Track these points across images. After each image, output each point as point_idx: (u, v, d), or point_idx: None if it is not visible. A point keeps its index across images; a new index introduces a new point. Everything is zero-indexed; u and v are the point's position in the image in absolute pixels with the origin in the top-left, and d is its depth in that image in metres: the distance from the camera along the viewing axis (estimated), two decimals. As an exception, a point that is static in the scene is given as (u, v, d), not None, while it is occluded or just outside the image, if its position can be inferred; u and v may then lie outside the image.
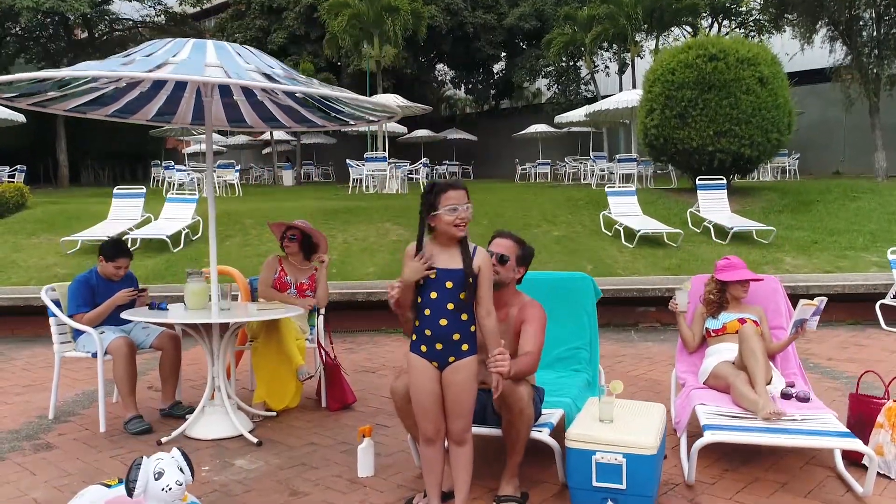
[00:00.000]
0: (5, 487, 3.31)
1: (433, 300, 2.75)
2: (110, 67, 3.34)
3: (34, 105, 3.88)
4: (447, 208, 2.72)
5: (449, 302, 2.74)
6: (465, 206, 2.73)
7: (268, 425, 4.23)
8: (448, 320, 2.74)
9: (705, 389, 3.84)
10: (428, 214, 2.76)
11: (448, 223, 2.73)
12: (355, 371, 5.57)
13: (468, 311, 2.77)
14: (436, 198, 2.74)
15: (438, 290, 2.75)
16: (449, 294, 2.74)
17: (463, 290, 2.75)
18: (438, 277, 2.75)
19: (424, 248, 2.79)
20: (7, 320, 7.26)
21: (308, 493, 3.22)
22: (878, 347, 6.31)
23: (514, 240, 3.36)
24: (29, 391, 5.07)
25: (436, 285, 2.75)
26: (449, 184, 2.77)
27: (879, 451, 3.34)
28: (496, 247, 3.32)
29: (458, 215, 2.72)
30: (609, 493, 2.88)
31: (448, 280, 2.75)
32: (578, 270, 8.98)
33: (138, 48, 3.69)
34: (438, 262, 2.78)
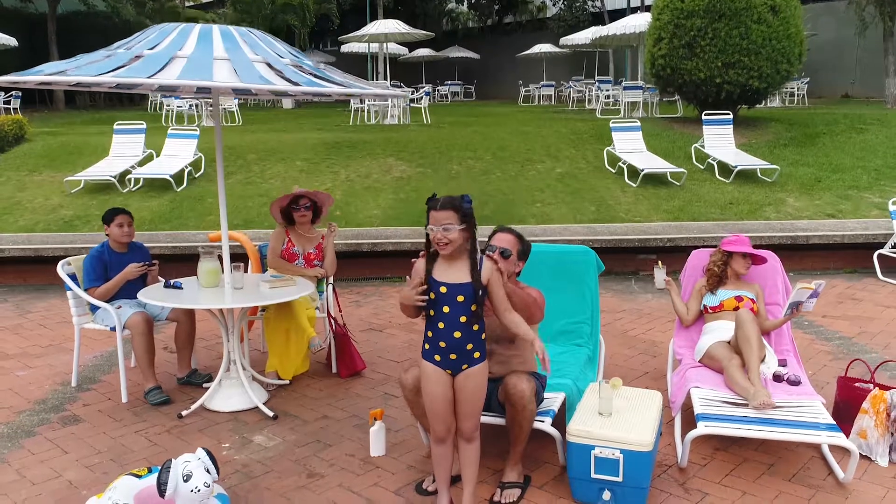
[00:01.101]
0: (40, 468, 3.52)
1: (446, 314, 2.85)
2: (117, 63, 3.31)
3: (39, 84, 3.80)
4: (429, 227, 2.79)
5: (462, 315, 2.84)
6: (442, 228, 2.78)
7: (281, 395, 4.43)
8: (462, 332, 2.85)
9: (701, 369, 4.00)
10: (427, 235, 2.84)
11: (434, 239, 2.80)
12: (362, 330, 5.75)
13: (479, 321, 2.88)
14: (427, 214, 2.81)
15: (451, 305, 2.84)
16: (461, 307, 2.84)
17: (474, 303, 2.85)
18: (449, 292, 2.84)
19: (426, 268, 2.86)
20: (19, 269, 7.40)
21: (324, 475, 3.43)
22: (872, 302, 6.47)
23: (515, 235, 3.44)
24: (49, 352, 5.27)
25: (448, 300, 2.85)
26: (433, 204, 2.81)
27: (863, 435, 3.53)
28: (498, 241, 3.40)
29: (433, 235, 2.79)
30: (606, 483, 3.08)
31: (459, 294, 2.84)
32: (581, 212, 9.07)
33: (142, 36, 3.65)
34: (447, 277, 2.86)
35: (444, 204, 2.80)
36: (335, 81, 3.65)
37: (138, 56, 3.44)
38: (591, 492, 3.12)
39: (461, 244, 2.84)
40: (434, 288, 2.87)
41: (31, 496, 3.26)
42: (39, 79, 3.18)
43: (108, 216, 4.49)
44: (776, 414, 3.40)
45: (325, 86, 3.44)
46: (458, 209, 2.82)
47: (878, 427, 3.48)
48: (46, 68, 3.40)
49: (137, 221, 8.68)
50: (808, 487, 3.29)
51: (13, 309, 6.46)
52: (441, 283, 2.86)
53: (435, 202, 2.82)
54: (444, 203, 2.81)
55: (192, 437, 3.86)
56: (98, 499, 3.01)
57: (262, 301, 3.98)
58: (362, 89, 3.61)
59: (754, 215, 8.88)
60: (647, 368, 4.87)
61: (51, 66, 3.46)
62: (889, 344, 5.30)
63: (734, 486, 3.31)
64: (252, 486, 3.35)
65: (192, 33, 3.64)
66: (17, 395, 4.44)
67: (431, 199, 2.86)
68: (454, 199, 2.84)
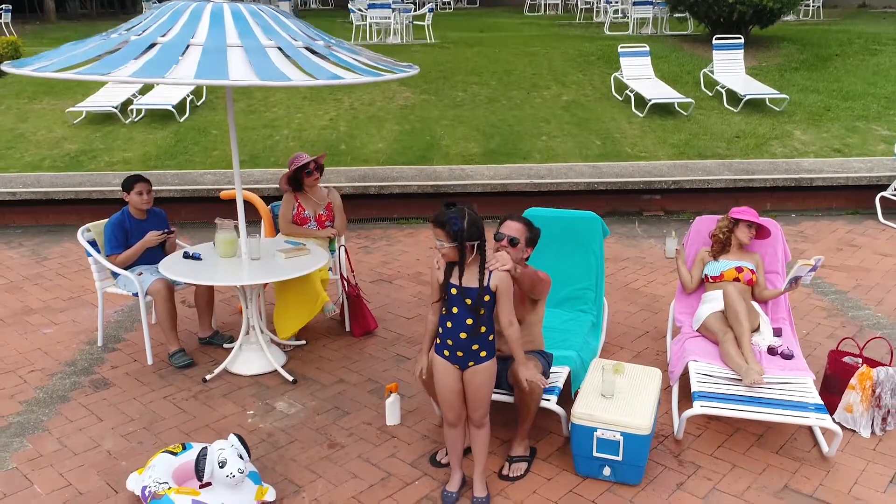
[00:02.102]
0: (79, 437, 3.78)
1: (454, 315, 3.00)
2: (135, 53, 3.31)
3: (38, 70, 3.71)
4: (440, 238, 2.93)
5: (468, 318, 2.99)
6: (440, 244, 2.91)
7: (299, 356, 4.65)
8: (467, 333, 3.01)
9: (698, 339, 4.19)
10: None
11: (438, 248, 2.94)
12: (372, 281, 5.93)
13: (486, 323, 3.03)
14: (437, 226, 2.92)
15: (459, 307, 2.99)
16: (468, 310, 2.98)
17: (480, 307, 2.98)
18: (459, 294, 2.98)
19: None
20: (30, 210, 7.50)
21: (344, 446, 3.69)
22: (871, 249, 6.61)
23: (524, 223, 3.52)
24: (71, 306, 5.46)
25: (457, 302, 2.99)
26: (434, 220, 2.91)
27: (850, 409, 3.76)
28: (507, 229, 3.50)
29: (437, 247, 2.94)
30: (607, 461, 3.33)
31: (467, 297, 2.98)
32: (587, 147, 9.06)
33: (154, 18, 3.61)
34: (463, 280, 2.99)
35: (436, 222, 2.89)
36: (349, 66, 3.64)
37: (154, 44, 3.43)
38: (593, 468, 3.37)
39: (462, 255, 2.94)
40: (447, 289, 3.01)
41: (74, 467, 3.52)
42: (66, 76, 3.19)
43: (128, 184, 4.57)
44: (767, 392, 3.61)
45: (340, 77, 3.44)
46: (445, 227, 2.89)
47: (863, 402, 3.71)
48: (65, 53, 3.40)
49: (142, 157, 8.75)
50: (793, 460, 3.55)
51: (30, 255, 6.62)
52: (453, 285, 2.99)
53: (436, 218, 2.90)
54: (436, 221, 2.89)
55: (217, 402, 4.11)
56: (139, 474, 3.27)
57: (278, 276, 4.12)
58: (376, 76, 3.60)
59: (760, 151, 8.88)
60: (648, 327, 5.06)
61: (68, 48, 3.45)
62: (882, 300, 5.48)
63: (725, 459, 3.56)
64: (278, 456, 3.61)
65: (203, 15, 3.60)
66: (46, 356, 4.67)
67: (437, 213, 2.93)
68: (443, 217, 2.89)
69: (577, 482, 3.39)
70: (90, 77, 3.17)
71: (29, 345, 4.82)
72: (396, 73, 3.79)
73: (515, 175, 7.73)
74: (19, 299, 5.60)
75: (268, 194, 7.33)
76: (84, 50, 3.49)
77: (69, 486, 3.38)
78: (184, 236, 7.08)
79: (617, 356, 4.64)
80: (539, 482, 3.40)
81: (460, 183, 7.48)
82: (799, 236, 7.03)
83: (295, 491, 3.34)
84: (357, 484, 3.39)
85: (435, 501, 3.26)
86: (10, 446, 3.70)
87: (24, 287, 5.85)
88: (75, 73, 3.21)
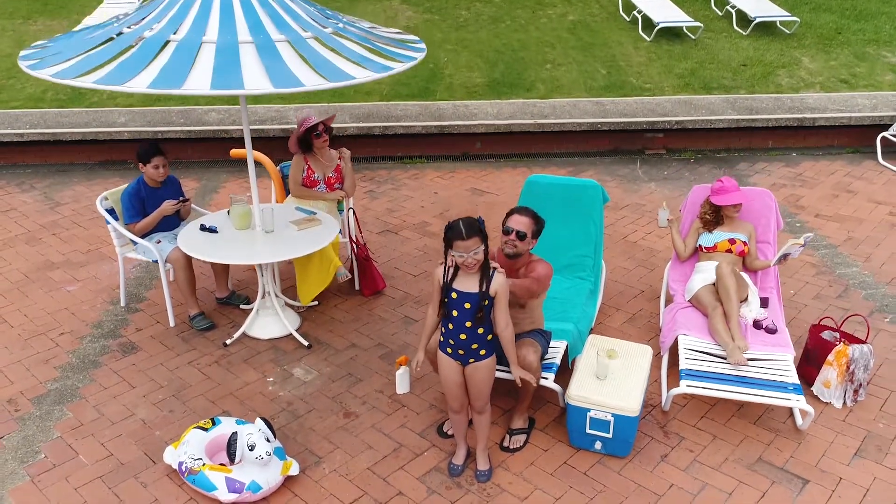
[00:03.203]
0: (114, 405, 4.11)
1: (455, 317, 3.23)
2: (150, 53, 3.37)
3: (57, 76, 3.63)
4: (457, 253, 3.09)
5: (467, 320, 3.22)
6: (472, 253, 3.08)
7: (312, 317, 4.93)
8: (467, 335, 3.25)
9: (689, 310, 4.44)
10: (445, 250, 3.14)
11: (465, 264, 3.11)
12: (379, 232, 6.12)
13: (485, 325, 3.25)
14: (448, 242, 3.10)
15: (459, 310, 3.21)
16: (468, 313, 3.20)
17: (479, 310, 3.20)
18: (459, 298, 3.20)
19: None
20: (38, 150, 7.58)
21: (359, 415, 4.02)
22: (866, 196, 6.75)
23: (530, 216, 3.66)
24: (91, 260, 5.69)
25: (457, 305, 3.20)
26: (458, 234, 3.07)
27: (827, 384, 4.06)
28: (515, 223, 3.65)
29: (463, 261, 3.10)
30: (598, 437, 3.66)
31: (466, 302, 3.19)
32: (592, 77, 8.98)
33: (164, 7, 3.63)
34: (461, 285, 3.19)
35: (468, 233, 3.06)
36: (359, 60, 3.69)
37: (168, 42, 3.47)
38: (586, 442, 3.71)
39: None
40: (447, 293, 3.22)
41: (113, 437, 3.87)
42: (84, 84, 3.28)
43: (145, 157, 4.67)
44: (749, 371, 3.89)
45: (352, 77, 3.50)
46: (480, 233, 3.09)
47: (838, 377, 4.00)
48: (80, 51, 3.46)
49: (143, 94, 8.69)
50: (769, 431, 3.88)
51: (43, 200, 6.78)
52: (454, 290, 3.20)
53: (458, 232, 3.07)
54: (468, 232, 3.06)
55: (239, 368, 4.42)
56: (174, 449, 3.61)
57: (292, 254, 4.31)
58: (385, 70, 3.66)
59: (765, 82, 8.82)
60: (643, 286, 5.31)
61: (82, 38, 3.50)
62: (871, 256, 5.69)
63: (707, 430, 3.90)
64: (298, 426, 3.94)
65: (213, 6, 3.62)
66: (73, 317, 4.94)
67: (452, 227, 3.10)
68: (474, 225, 3.08)
69: (571, 454, 3.74)
70: (108, 87, 3.25)
71: (55, 304, 5.09)
72: (405, 63, 3.84)
73: (519, 114, 7.75)
74: (40, 252, 5.82)
75: (273, 136, 7.40)
76: (98, 49, 3.54)
77: (111, 456, 3.74)
78: (190, 177, 7.21)
79: (612, 319, 4.91)
80: (536, 453, 3.75)
81: (464, 123, 7.52)
82: (797, 180, 7.15)
83: (316, 462, 3.70)
84: (371, 455, 3.74)
85: (442, 472, 3.62)
86: (52, 415, 4.04)
87: (43, 238, 6.06)
88: (93, 83, 3.28)
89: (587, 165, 7.55)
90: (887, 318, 4.87)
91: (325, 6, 4.44)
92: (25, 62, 3.64)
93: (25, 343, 4.66)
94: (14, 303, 5.12)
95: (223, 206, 6.69)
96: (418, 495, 3.49)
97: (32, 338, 4.72)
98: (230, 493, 3.34)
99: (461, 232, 3.08)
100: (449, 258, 3.18)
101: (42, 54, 3.71)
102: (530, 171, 7.42)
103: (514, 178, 7.25)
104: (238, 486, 3.36)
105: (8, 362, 4.48)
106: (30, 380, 4.32)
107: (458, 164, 7.62)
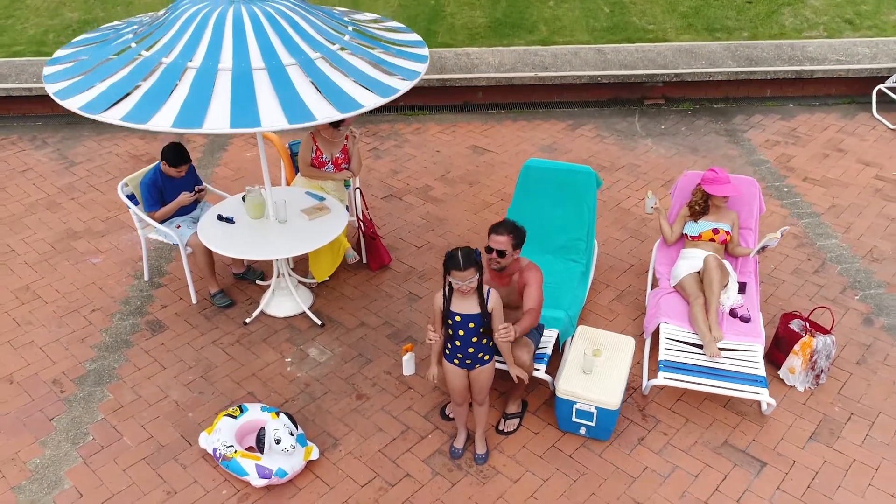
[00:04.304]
0: (149, 386, 4.56)
1: (461, 336, 3.62)
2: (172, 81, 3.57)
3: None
4: (454, 281, 3.44)
5: (473, 336, 3.61)
6: (468, 282, 3.43)
7: (324, 294, 5.31)
8: (474, 348, 3.64)
9: (672, 296, 4.81)
10: (444, 276, 3.48)
11: (461, 290, 3.46)
12: (383, 197, 6.40)
13: (487, 337, 3.65)
14: (447, 270, 3.44)
15: (464, 330, 3.59)
16: (473, 331, 3.59)
17: (482, 327, 3.58)
18: (463, 320, 3.57)
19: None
20: (46, 101, 7.70)
21: (370, 397, 4.48)
22: (855, 157, 6.95)
23: (507, 232, 3.84)
24: (111, 228, 6.01)
25: (462, 326, 3.58)
26: (455, 265, 3.41)
27: (792, 370, 4.49)
28: (494, 243, 3.85)
29: (459, 287, 3.46)
30: (583, 424, 4.13)
31: (470, 322, 3.57)
32: (595, 17, 8.92)
33: (179, 28, 3.78)
34: (461, 308, 3.55)
35: (465, 265, 3.39)
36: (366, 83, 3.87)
37: (188, 68, 3.66)
38: (572, 427, 4.19)
39: None
40: (450, 316, 3.59)
41: (152, 418, 4.35)
42: (109, 119, 3.50)
43: (172, 161, 4.90)
44: (722, 363, 4.31)
45: (360, 105, 3.71)
46: (476, 264, 3.42)
47: (803, 365, 4.43)
48: (104, 76, 3.65)
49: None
50: (736, 414, 4.35)
51: (57, 159, 7.00)
52: (456, 313, 3.57)
53: (456, 263, 3.39)
54: (465, 264, 3.39)
55: (258, 348, 4.84)
56: (208, 434, 4.09)
57: (307, 248, 4.62)
58: (390, 94, 3.85)
59: (769, 21, 8.78)
60: (633, 260, 5.65)
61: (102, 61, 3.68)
62: (851, 226, 6.00)
63: (681, 413, 4.37)
64: (316, 408, 4.42)
65: (226, 29, 3.77)
66: (102, 293, 5.33)
67: (451, 258, 3.41)
68: (470, 257, 3.40)
69: (559, 437, 4.23)
70: (132, 125, 3.47)
71: (83, 278, 5.46)
72: (409, 81, 4.02)
73: (521, 65, 7.80)
74: (61, 220, 6.13)
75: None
76: (120, 74, 3.72)
77: (151, 438, 4.23)
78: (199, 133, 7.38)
79: (602, 296, 5.29)
80: (528, 437, 4.23)
81: (466, 77, 7.61)
82: (791, 136, 7.32)
83: (333, 444, 4.19)
84: (382, 437, 4.23)
85: (444, 455, 4.12)
86: (94, 396, 4.50)
87: (62, 203, 6.34)
88: (120, 120, 3.50)
89: (586, 118, 7.70)
90: (857, 296, 5.25)
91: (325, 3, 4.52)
92: (52, 86, 3.83)
93: (61, 321, 5.07)
94: (45, 276, 5.49)
95: (232, 162, 6.93)
96: (424, 477, 4.00)
97: (66, 315, 5.13)
98: (260, 478, 3.85)
99: (459, 263, 3.40)
100: (446, 282, 3.53)
101: (65, 74, 3.89)
102: (530, 124, 7.59)
103: (514, 132, 7.43)
104: (267, 472, 3.85)
105: (48, 341, 4.91)
106: (70, 360, 4.76)
107: (460, 115, 7.76)
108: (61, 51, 4.30)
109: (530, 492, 3.91)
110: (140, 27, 4.13)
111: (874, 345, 4.83)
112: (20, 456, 4.11)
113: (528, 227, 5.03)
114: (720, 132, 7.43)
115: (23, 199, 6.41)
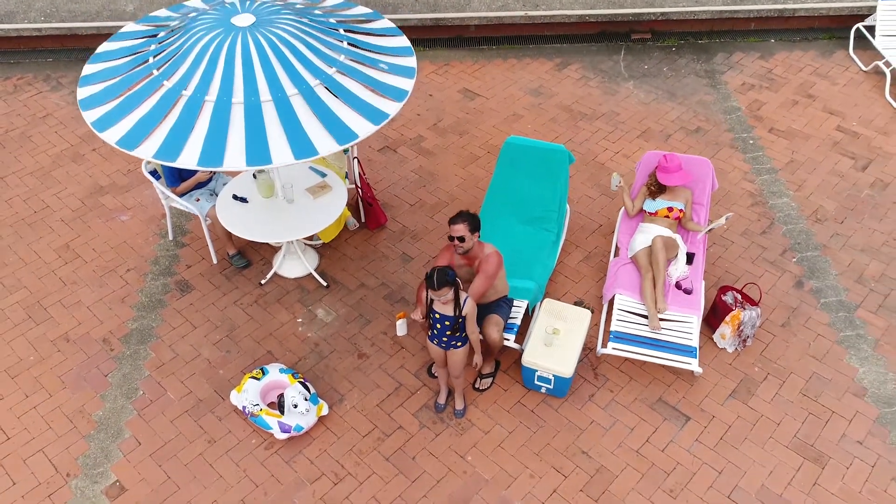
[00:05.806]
0: (183, 345, 5.44)
1: (438, 329, 4.43)
2: (191, 121, 4.13)
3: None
4: (432, 296, 4.19)
5: (448, 330, 4.42)
6: (442, 298, 4.17)
7: (328, 255, 6.06)
8: (448, 338, 4.47)
9: (629, 266, 5.55)
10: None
11: (437, 304, 4.24)
12: (379, 149, 6.95)
13: (461, 330, 4.46)
14: (428, 287, 4.17)
15: (441, 325, 4.39)
16: (446, 328, 4.40)
17: (455, 326, 4.39)
18: (441, 318, 4.36)
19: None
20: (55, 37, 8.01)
21: (369, 356, 5.37)
22: (822, 104, 7.37)
23: (463, 220, 4.49)
24: (133, 183, 6.65)
25: (440, 322, 4.38)
26: (431, 285, 4.12)
27: (723, 336, 5.32)
28: (454, 232, 4.49)
29: (436, 301, 4.23)
30: (544, 385, 5.05)
31: (446, 321, 4.37)
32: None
33: (195, 59, 4.27)
34: (440, 308, 4.33)
35: (439, 285, 4.12)
36: (360, 108, 4.39)
37: (206, 101, 4.19)
38: (535, 387, 5.11)
39: None
40: (432, 312, 4.39)
41: (189, 376, 5.27)
42: (139, 154, 4.07)
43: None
44: (662, 335, 5.15)
45: (356, 135, 4.26)
46: (449, 283, 4.15)
47: (732, 333, 5.27)
48: (135, 106, 4.20)
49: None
50: (672, 374, 5.25)
51: (73, 102, 7.47)
52: (436, 312, 4.36)
53: (432, 283, 4.12)
54: (439, 285, 4.12)
55: (273, 308, 5.68)
56: (238, 393, 5.02)
57: (314, 229, 5.31)
58: (384, 118, 4.38)
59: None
60: (602, 219, 6.32)
61: (128, 87, 4.22)
62: (804, 182, 6.60)
63: (626, 373, 5.27)
64: (325, 367, 5.32)
65: (236, 61, 4.26)
66: (133, 251, 6.08)
67: (430, 278, 4.14)
68: (444, 278, 4.12)
69: (524, 393, 5.16)
70: (164, 162, 4.07)
71: (115, 237, 6.19)
72: (398, 102, 4.53)
73: (512, 2, 8.00)
74: (87, 173, 6.75)
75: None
76: (146, 105, 4.25)
77: (191, 393, 5.17)
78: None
79: (571, 257, 6.02)
80: (499, 393, 5.16)
81: (458, 16, 7.84)
82: (765, 79, 7.70)
83: (339, 399, 5.13)
84: (379, 393, 5.16)
85: (430, 409, 5.07)
86: (139, 354, 5.40)
87: (85, 154, 6.93)
88: (152, 157, 4.08)
89: (574, 55, 8.02)
90: (794, 259, 5.99)
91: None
92: (88, 114, 4.36)
93: (101, 280, 5.88)
94: (81, 235, 6.22)
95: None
96: (413, 428, 4.97)
97: (105, 274, 5.92)
98: (282, 432, 4.82)
99: (434, 284, 4.15)
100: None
101: (97, 100, 4.40)
102: (520, 63, 7.93)
103: (504, 73, 7.80)
104: (287, 427, 4.82)
105: (93, 300, 5.74)
106: (114, 319, 5.61)
107: (452, 53, 8.08)
108: (88, 66, 4.76)
109: (498, 442, 4.90)
110: (159, 47, 4.56)
111: (800, 307, 5.64)
112: (86, 409, 5.08)
113: (507, 199, 5.77)
114: (700, 73, 7.79)
115: (49, 150, 6.98)
